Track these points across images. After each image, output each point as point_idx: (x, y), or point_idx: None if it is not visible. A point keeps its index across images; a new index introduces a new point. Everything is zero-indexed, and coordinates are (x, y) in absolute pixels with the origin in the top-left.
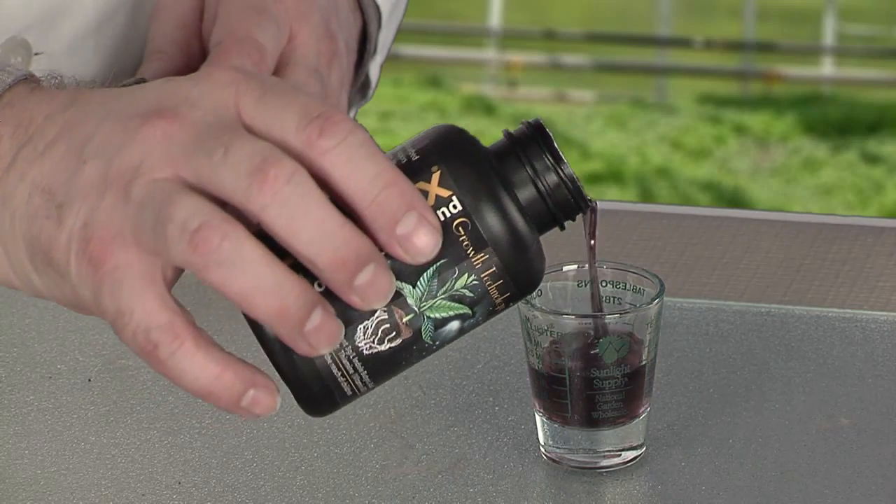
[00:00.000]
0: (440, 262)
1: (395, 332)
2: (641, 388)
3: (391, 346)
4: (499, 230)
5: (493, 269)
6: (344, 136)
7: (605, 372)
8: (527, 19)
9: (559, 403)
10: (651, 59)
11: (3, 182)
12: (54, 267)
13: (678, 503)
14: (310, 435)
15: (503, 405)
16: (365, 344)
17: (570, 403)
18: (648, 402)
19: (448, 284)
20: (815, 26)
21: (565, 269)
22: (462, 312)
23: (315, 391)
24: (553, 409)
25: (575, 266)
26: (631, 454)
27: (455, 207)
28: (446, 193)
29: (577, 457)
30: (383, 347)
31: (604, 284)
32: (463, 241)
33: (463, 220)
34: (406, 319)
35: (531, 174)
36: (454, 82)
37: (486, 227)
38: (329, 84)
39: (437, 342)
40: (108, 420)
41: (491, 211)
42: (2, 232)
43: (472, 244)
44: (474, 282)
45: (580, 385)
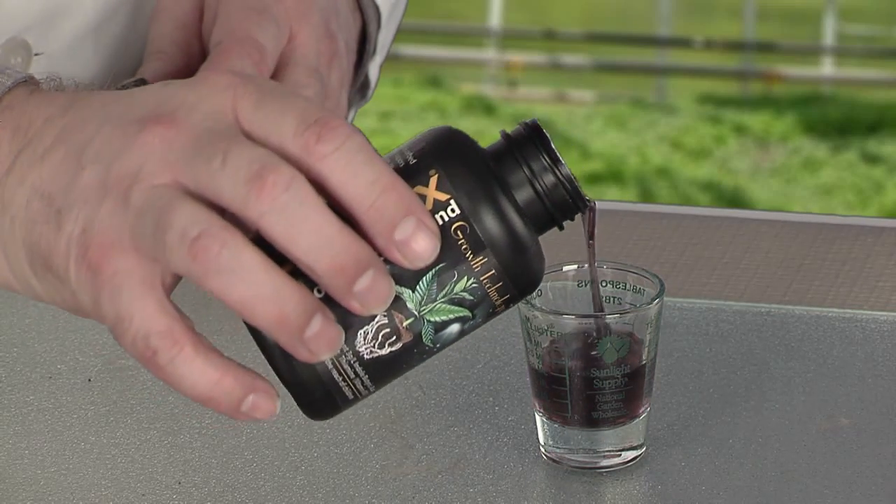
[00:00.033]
0: (439, 266)
1: (395, 337)
2: (641, 388)
3: (392, 350)
4: (497, 233)
5: (492, 271)
6: (342, 141)
7: (605, 372)
8: (527, 19)
9: (559, 403)
10: (651, 59)
11: (3, 186)
12: (54, 272)
13: (678, 503)
14: (310, 435)
15: (503, 405)
16: (365, 348)
17: (570, 403)
18: (648, 402)
19: (447, 288)
20: (815, 26)
21: (565, 269)
22: (462, 315)
23: (317, 396)
24: (553, 409)
25: (575, 266)
26: (631, 454)
27: (453, 211)
28: (444, 197)
29: (577, 457)
30: (384, 352)
31: (604, 284)
32: (461, 245)
33: (461, 223)
34: (406, 323)
35: (528, 175)
36: (454, 82)
37: (485, 230)
38: (329, 84)
39: (438, 345)
40: (108, 420)
41: (489, 214)
42: (1, 236)
43: (471, 247)
44: (474, 285)
45: (580, 385)
